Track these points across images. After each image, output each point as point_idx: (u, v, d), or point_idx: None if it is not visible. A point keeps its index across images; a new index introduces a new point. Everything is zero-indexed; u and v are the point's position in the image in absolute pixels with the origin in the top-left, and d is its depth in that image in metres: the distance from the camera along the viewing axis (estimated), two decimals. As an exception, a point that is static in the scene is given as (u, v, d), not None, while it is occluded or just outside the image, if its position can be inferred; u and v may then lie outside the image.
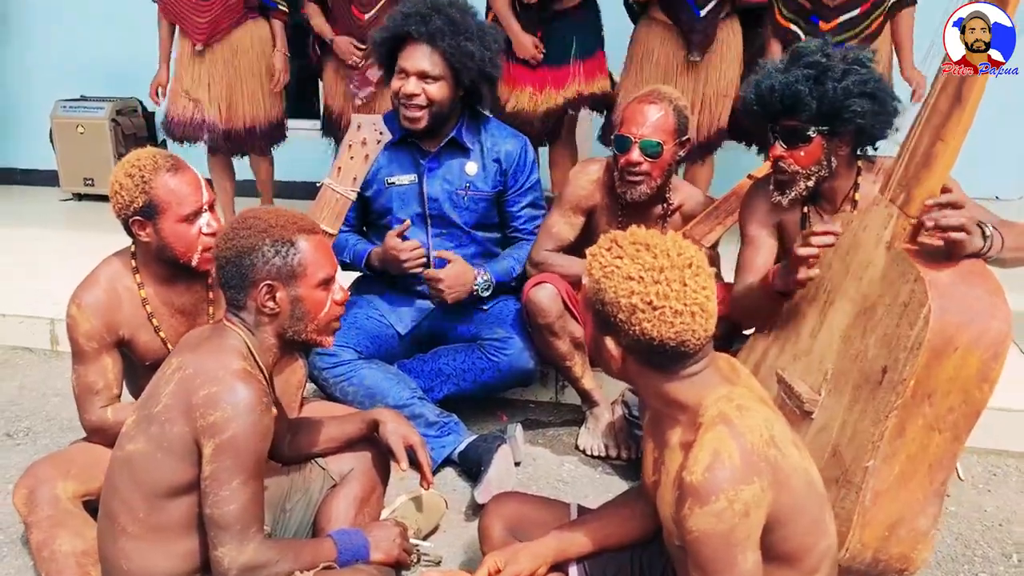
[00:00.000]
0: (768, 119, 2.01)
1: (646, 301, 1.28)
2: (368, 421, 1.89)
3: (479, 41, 2.41)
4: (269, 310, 1.58)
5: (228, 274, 1.57)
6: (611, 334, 1.34)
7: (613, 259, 1.32)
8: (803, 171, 2.00)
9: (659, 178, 2.37)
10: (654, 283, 1.28)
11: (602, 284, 1.31)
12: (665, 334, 1.28)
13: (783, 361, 1.93)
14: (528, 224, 2.65)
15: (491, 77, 2.48)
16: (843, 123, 1.94)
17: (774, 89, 1.95)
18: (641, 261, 1.30)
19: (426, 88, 2.43)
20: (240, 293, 1.58)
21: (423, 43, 2.41)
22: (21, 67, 5.65)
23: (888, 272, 1.71)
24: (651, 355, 1.32)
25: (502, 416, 2.73)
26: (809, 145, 1.97)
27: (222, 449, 1.47)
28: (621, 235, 1.36)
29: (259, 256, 1.55)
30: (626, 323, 1.30)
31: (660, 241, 1.32)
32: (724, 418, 1.29)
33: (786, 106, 1.95)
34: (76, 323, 1.92)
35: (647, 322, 1.28)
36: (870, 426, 1.65)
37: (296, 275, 1.58)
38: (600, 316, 1.34)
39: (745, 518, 1.24)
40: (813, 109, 1.92)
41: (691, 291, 1.29)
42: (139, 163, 1.88)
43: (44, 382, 3.07)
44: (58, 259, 3.95)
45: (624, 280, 1.29)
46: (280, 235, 1.57)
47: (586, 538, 1.61)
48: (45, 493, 1.86)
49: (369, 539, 1.71)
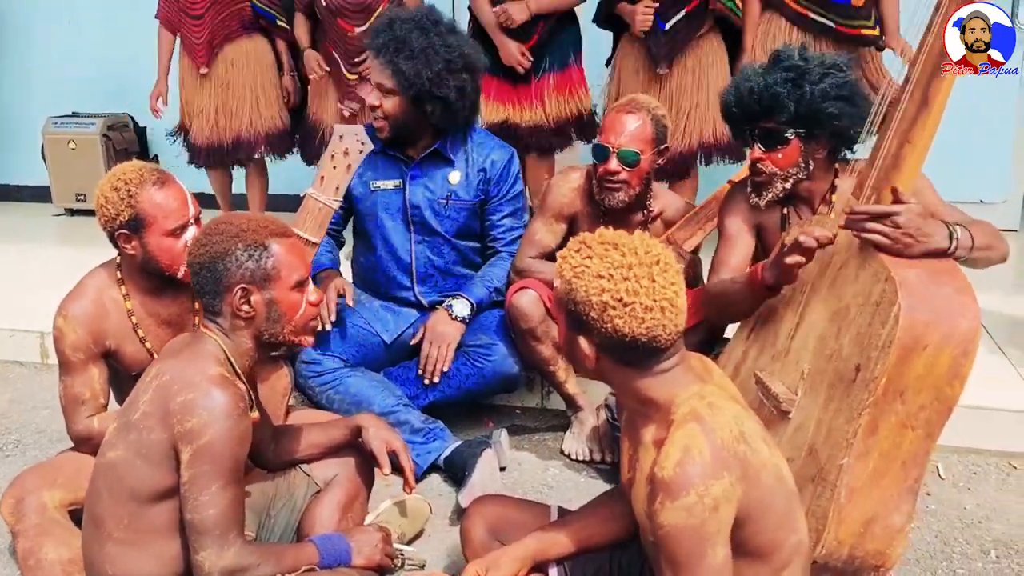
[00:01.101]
0: (747, 121, 2.04)
1: (616, 298, 1.30)
2: (351, 427, 1.91)
3: (422, 59, 2.40)
4: (244, 314, 1.60)
5: (203, 280, 1.59)
6: (584, 333, 1.36)
7: (583, 259, 1.34)
8: (781, 173, 2.03)
9: (638, 186, 2.41)
10: (623, 280, 1.30)
11: (573, 284, 1.34)
12: (636, 330, 1.31)
13: (762, 363, 1.95)
14: (507, 235, 2.66)
15: (436, 96, 2.44)
16: (820, 125, 1.97)
17: (753, 91, 1.98)
18: (610, 259, 1.32)
19: (383, 101, 2.47)
20: (215, 299, 1.60)
21: (376, 56, 2.46)
22: (13, 83, 5.67)
23: (860, 272, 1.74)
24: (624, 352, 1.35)
25: (488, 422, 2.75)
26: (787, 147, 2.00)
27: (199, 454, 1.49)
28: (590, 236, 1.38)
29: (232, 260, 1.57)
30: (598, 321, 1.32)
31: (628, 240, 1.35)
32: (695, 415, 1.31)
33: (764, 108, 1.98)
34: (63, 334, 1.94)
35: (619, 319, 1.30)
36: (844, 424, 1.67)
37: (270, 278, 1.60)
38: (572, 316, 1.36)
39: (715, 512, 1.26)
40: (791, 111, 1.95)
41: (659, 287, 1.31)
42: (125, 177, 1.89)
43: (34, 395, 3.08)
44: (49, 273, 3.93)
45: (594, 279, 1.32)
46: (252, 239, 1.59)
47: (566, 539, 1.62)
48: (32, 502, 1.87)
49: (351, 543, 1.72)
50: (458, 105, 2.49)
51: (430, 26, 2.46)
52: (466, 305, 2.54)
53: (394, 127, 2.51)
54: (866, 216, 1.70)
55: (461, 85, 2.47)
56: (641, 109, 2.40)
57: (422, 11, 2.52)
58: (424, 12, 2.51)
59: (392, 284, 2.67)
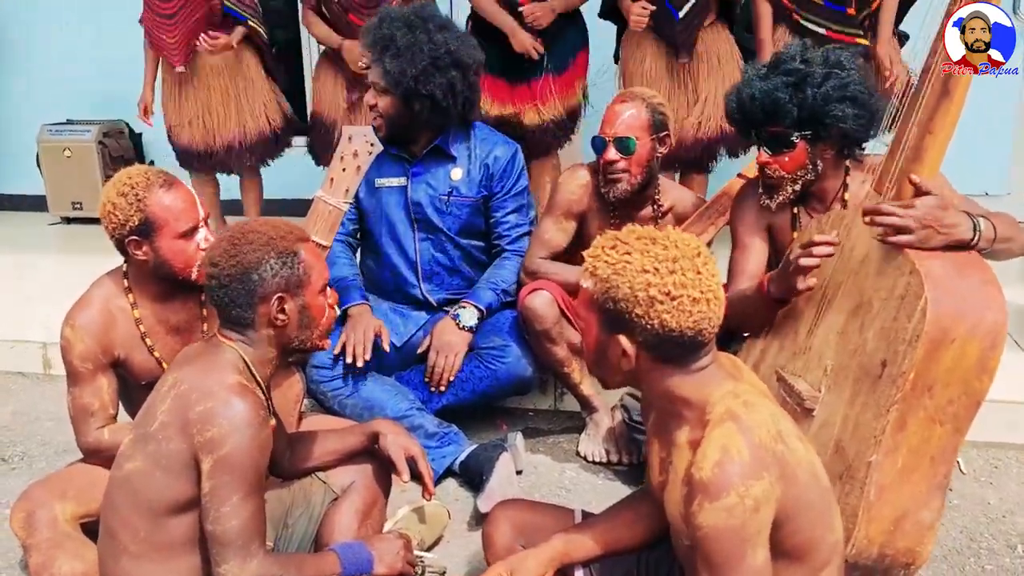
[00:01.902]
0: (751, 126, 2.02)
1: (664, 292, 1.28)
2: (368, 433, 1.87)
3: (407, 57, 2.38)
4: (280, 322, 1.57)
5: (233, 292, 1.54)
6: (625, 332, 1.33)
7: (621, 256, 1.31)
8: (789, 176, 2.02)
9: (639, 175, 2.40)
10: (670, 273, 1.28)
11: (613, 281, 1.30)
12: (684, 323, 1.29)
13: (782, 359, 1.93)
14: (512, 231, 2.64)
15: (421, 94, 2.42)
16: (825, 128, 1.95)
17: (754, 97, 1.97)
18: (653, 254, 1.30)
19: (378, 99, 2.46)
20: (248, 310, 1.55)
21: (369, 56, 2.45)
22: (6, 91, 5.62)
23: (883, 266, 1.72)
24: (668, 348, 1.32)
25: (502, 425, 2.72)
26: (793, 151, 1.99)
27: (221, 465, 1.46)
28: (622, 233, 1.36)
29: (267, 269, 1.54)
30: (644, 317, 1.29)
31: (664, 234, 1.33)
32: (731, 414, 1.29)
33: (767, 114, 1.96)
34: (70, 344, 1.91)
35: (666, 313, 1.28)
36: (872, 420, 1.65)
37: (302, 284, 1.57)
38: (611, 315, 1.33)
39: (755, 513, 1.23)
40: (794, 116, 1.94)
41: (705, 279, 1.30)
42: (131, 181, 1.86)
43: (37, 406, 3.04)
44: (49, 283, 3.93)
45: (639, 273, 1.29)
46: (283, 246, 1.56)
47: (592, 541, 1.60)
48: (43, 515, 1.84)
49: (373, 552, 1.69)
50: (447, 102, 2.45)
51: (418, 23, 2.43)
52: (474, 314, 2.51)
53: (390, 125, 2.49)
54: (885, 212, 1.68)
55: (449, 82, 2.44)
56: (635, 98, 2.42)
57: (413, 8, 2.50)
58: (415, 9, 2.48)
59: (398, 282, 2.65)
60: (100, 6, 5.15)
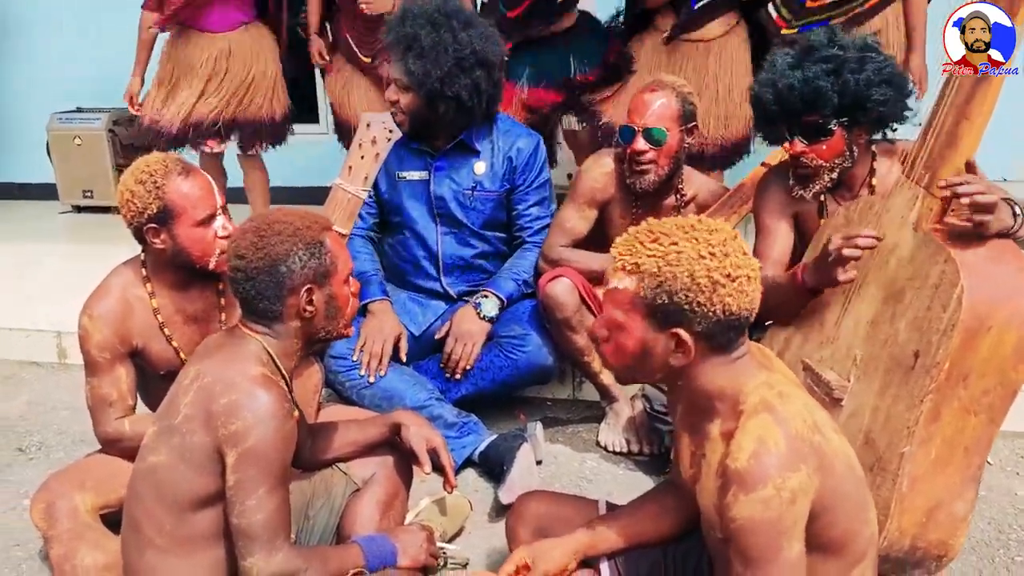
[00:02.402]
0: (788, 117, 1.97)
1: (725, 275, 1.26)
2: (389, 424, 1.86)
3: (432, 58, 2.34)
4: (308, 314, 1.55)
5: (262, 285, 1.52)
6: (683, 325, 1.29)
7: (669, 247, 1.28)
8: (826, 164, 1.98)
9: (667, 166, 2.36)
10: (724, 256, 1.27)
11: (667, 274, 1.27)
12: (743, 304, 1.28)
13: (808, 349, 1.90)
14: (533, 223, 2.61)
15: (448, 96, 2.38)
16: (865, 112, 1.91)
17: (793, 87, 1.92)
18: (703, 240, 1.28)
19: (400, 96, 2.42)
20: (276, 303, 1.53)
21: (391, 53, 2.41)
22: (16, 81, 5.61)
23: (916, 254, 1.69)
24: (723, 334, 1.30)
25: (520, 415, 2.70)
26: (831, 138, 1.95)
27: (245, 458, 1.44)
28: (656, 226, 1.32)
29: (296, 261, 1.52)
30: (707, 303, 1.26)
31: (698, 221, 1.32)
32: (766, 405, 1.27)
33: (807, 103, 1.92)
34: (88, 334, 1.89)
35: (728, 296, 1.26)
36: (904, 411, 1.63)
37: (329, 274, 1.56)
38: (664, 310, 1.28)
39: (792, 505, 1.21)
40: (835, 103, 1.89)
41: (748, 258, 1.30)
42: (149, 169, 1.84)
43: (53, 395, 3.03)
44: (61, 272, 3.92)
45: (696, 260, 1.26)
46: (310, 236, 1.54)
47: (617, 533, 1.58)
48: (63, 506, 1.83)
49: (396, 544, 1.68)
50: (471, 103, 2.42)
51: (442, 21, 2.38)
52: (495, 304, 2.49)
53: (412, 121, 2.45)
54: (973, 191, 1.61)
55: (474, 83, 2.40)
56: (665, 87, 2.37)
57: (437, 3, 2.43)
58: (438, 4, 2.42)
59: (419, 275, 2.63)
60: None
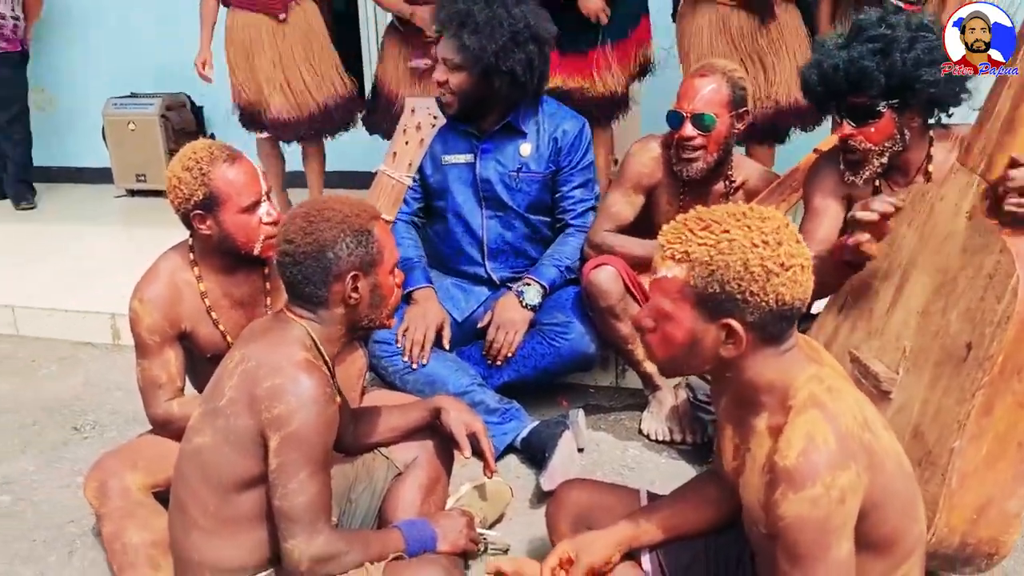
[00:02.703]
0: (834, 98, 1.93)
1: (778, 263, 1.23)
2: (430, 409, 1.87)
3: (487, 32, 2.33)
4: (352, 301, 1.56)
5: (308, 269, 1.53)
6: (735, 315, 1.26)
7: (721, 234, 1.25)
8: (876, 148, 1.93)
9: (715, 152, 2.32)
10: (778, 244, 1.23)
11: (719, 262, 1.23)
12: (796, 294, 1.24)
13: (856, 339, 1.86)
14: (577, 206, 2.60)
15: (503, 71, 2.37)
16: (914, 94, 1.86)
17: (838, 67, 1.87)
18: (756, 228, 1.24)
19: (449, 76, 2.40)
20: (321, 287, 1.54)
21: (443, 32, 2.39)
22: (73, 67, 5.74)
23: (969, 243, 1.64)
24: (776, 324, 1.26)
25: (563, 401, 2.70)
26: (880, 121, 1.90)
27: (288, 442, 1.46)
28: (706, 214, 1.29)
29: (343, 248, 1.53)
30: (760, 293, 1.23)
31: (749, 208, 1.28)
32: (816, 401, 1.24)
33: (852, 83, 1.87)
34: (139, 317, 1.93)
35: (782, 285, 1.23)
36: (955, 405, 1.58)
37: (375, 263, 1.57)
38: (716, 301, 1.25)
39: (841, 505, 1.19)
40: (881, 84, 1.84)
41: (802, 247, 1.26)
42: (196, 156, 1.87)
43: (107, 376, 3.11)
44: (115, 254, 4.01)
45: (749, 249, 1.23)
46: (358, 224, 1.55)
47: (658, 525, 1.57)
48: (115, 485, 1.87)
49: (437, 529, 1.69)
50: (525, 77, 2.42)
51: None
52: (538, 292, 2.49)
53: (463, 102, 2.45)
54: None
55: (528, 57, 2.40)
56: (715, 72, 2.32)
57: None
58: None
59: (463, 260, 2.63)
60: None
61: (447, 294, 2.59)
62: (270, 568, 1.57)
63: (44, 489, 2.39)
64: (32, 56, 5.22)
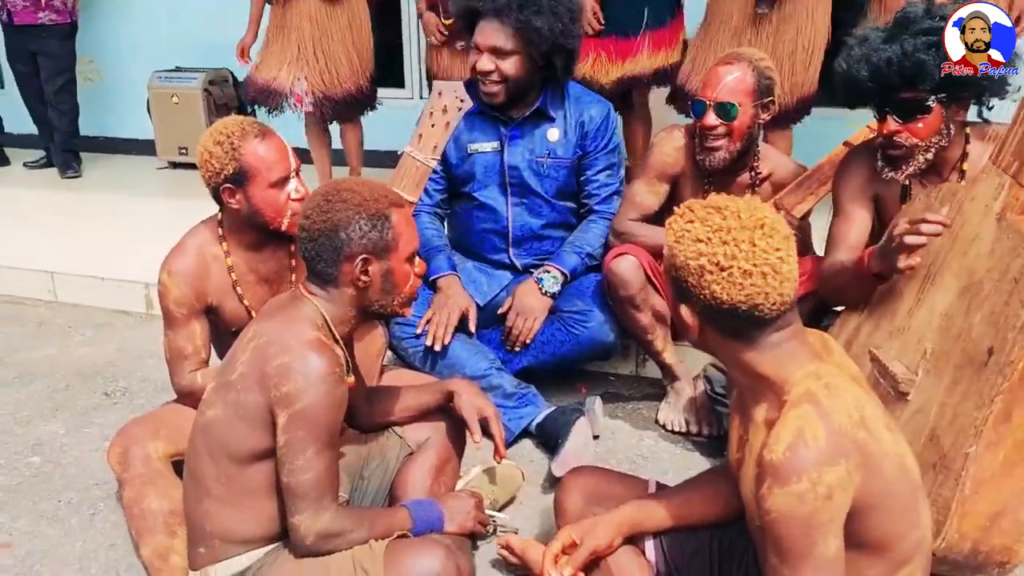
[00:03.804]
0: (883, 94, 1.88)
1: (713, 262, 1.24)
2: (444, 392, 1.88)
3: (550, 13, 2.33)
4: (361, 284, 1.58)
5: (320, 247, 1.56)
6: (686, 301, 1.31)
7: (685, 224, 1.28)
8: (922, 144, 1.88)
9: (739, 141, 2.29)
10: (722, 244, 1.24)
11: (674, 249, 1.29)
12: (735, 297, 1.24)
13: (877, 339, 1.83)
14: (601, 191, 2.59)
15: (565, 48, 2.40)
16: (967, 88, 1.81)
17: (891, 61, 1.81)
18: (710, 223, 1.26)
19: (499, 64, 2.39)
20: (332, 267, 1.57)
21: (493, 18, 2.37)
22: (120, 39, 5.84)
23: (997, 245, 1.61)
24: (725, 321, 1.28)
25: (581, 388, 2.70)
26: (928, 116, 1.85)
27: (295, 419, 1.48)
28: (697, 202, 1.31)
29: (356, 230, 1.54)
30: (696, 287, 1.26)
31: (732, 204, 1.28)
32: (810, 396, 1.23)
33: (907, 78, 1.82)
34: (167, 290, 1.97)
35: (715, 284, 1.24)
36: (973, 410, 1.56)
37: (389, 249, 1.58)
38: (675, 283, 1.32)
39: (828, 501, 1.18)
40: (936, 78, 1.79)
41: (760, 251, 1.23)
42: (227, 131, 1.89)
43: (139, 344, 3.19)
44: (154, 226, 4.09)
45: (693, 243, 1.26)
46: (376, 208, 1.56)
47: (665, 512, 1.57)
48: (138, 452, 1.92)
49: (444, 510, 1.70)
50: (578, 54, 2.45)
51: None
52: (558, 279, 2.49)
53: (513, 89, 2.44)
54: None
55: (578, 35, 2.43)
56: (741, 60, 2.28)
57: None
58: None
59: (487, 247, 2.64)
60: (208, -44, 5.28)
61: (469, 277, 2.60)
62: (278, 541, 1.60)
63: (73, 452, 2.47)
64: (80, 27, 5.31)
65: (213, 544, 1.59)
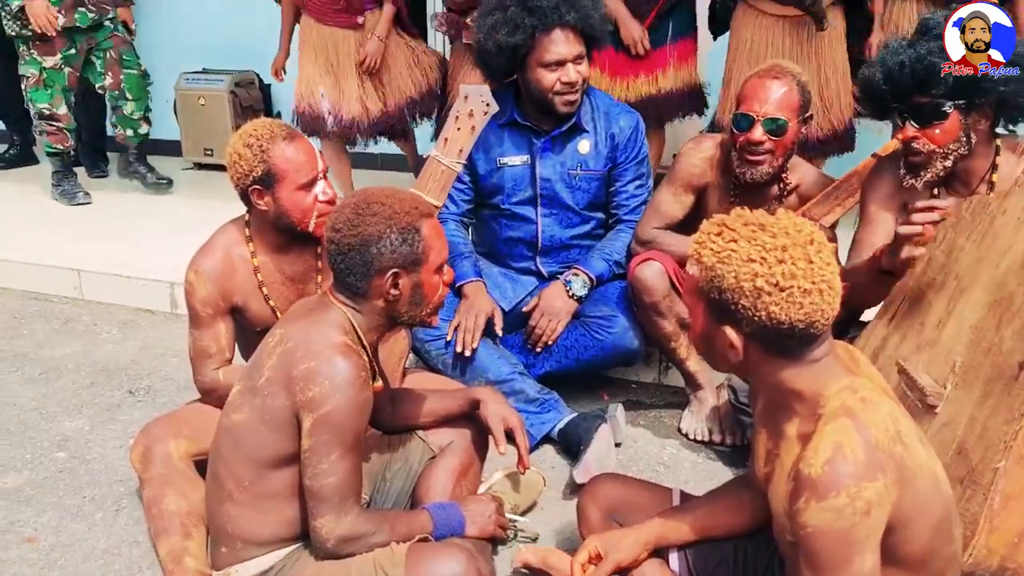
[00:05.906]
0: (898, 98, 1.87)
1: (772, 283, 1.21)
2: (469, 399, 1.89)
3: (592, 3, 2.37)
4: (391, 297, 1.58)
5: (351, 261, 1.55)
6: (731, 323, 1.27)
7: (727, 243, 1.24)
8: (940, 151, 1.87)
9: (782, 157, 2.25)
10: (778, 263, 1.21)
11: (718, 270, 1.24)
12: (795, 316, 1.21)
13: (905, 351, 1.81)
14: (630, 201, 2.58)
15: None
16: (982, 94, 1.79)
17: (904, 64, 1.81)
18: (760, 242, 1.22)
19: (579, 70, 2.39)
20: (362, 280, 1.56)
21: (557, 29, 2.35)
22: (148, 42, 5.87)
23: (1029, 259, 1.59)
24: (777, 341, 1.25)
25: (603, 395, 2.69)
26: (945, 122, 1.84)
27: (320, 423, 1.48)
28: (729, 218, 1.28)
29: (386, 244, 1.54)
30: (750, 309, 1.23)
31: (774, 220, 1.26)
32: (847, 410, 1.22)
33: (918, 81, 1.81)
34: (193, 289, 1.98)
35: (774, 305, 1.21)
36: (1002, 424, 1.54)
37: (419, 261, 1.57)
38: (717, 305, 1.27)
39: (866, 517, 1.16)
40: (948, 83, 1.78)
41: (818, 268, 1.22)
42: (256, 133, 1.91)
43: (163, 343, 3.21)
44: (179, 225, 4.12)
45: (744, 263, 1.22)
46: (406, 222, 1.55)
47: (689, 526, 1.56)
48: (159, 451, 1.94)
49: (465, 514, 1.71)
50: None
51: None
52: (585, 283, 2.48)
53: (583, 93, 2.47)
54: None
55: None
56: (786, 74, 2.23)
57: None
58: None
59: (514, 256, 2.64)
60: (236, -40, 5.31)
61: (494, 283, 2.60)
62: (299, 543, 1.61)
63: (97, 448, 2.49)
64: (109, 29, 5.34)
65: (235, 545, 1.60)
